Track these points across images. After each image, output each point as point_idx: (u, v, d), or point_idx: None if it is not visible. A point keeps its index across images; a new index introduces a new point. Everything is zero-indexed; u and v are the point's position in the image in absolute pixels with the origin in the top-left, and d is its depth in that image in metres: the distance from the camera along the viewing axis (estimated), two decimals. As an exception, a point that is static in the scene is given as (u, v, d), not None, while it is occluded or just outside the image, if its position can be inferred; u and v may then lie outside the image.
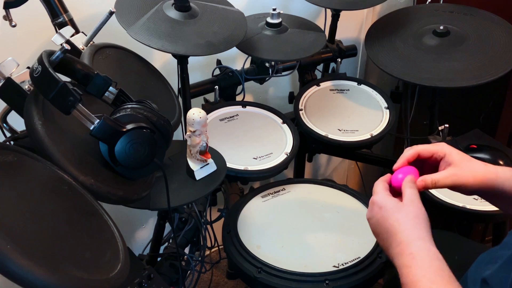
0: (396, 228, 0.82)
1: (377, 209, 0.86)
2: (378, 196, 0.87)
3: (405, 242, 0.80)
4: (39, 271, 0.67)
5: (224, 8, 1.39)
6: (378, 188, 0.89)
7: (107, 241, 0.86)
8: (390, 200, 0.86)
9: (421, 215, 0.83)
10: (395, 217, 0.83)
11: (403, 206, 0.84)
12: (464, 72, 1.41)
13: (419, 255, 0.77)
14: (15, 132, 1.04)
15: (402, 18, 1.63)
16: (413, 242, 0.79)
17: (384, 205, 0.85)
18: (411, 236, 0.80)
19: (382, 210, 0.85)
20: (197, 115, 1.10)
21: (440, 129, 1.49)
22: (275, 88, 1.90)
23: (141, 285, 1.01)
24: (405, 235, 0.80)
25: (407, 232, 0.81)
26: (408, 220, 0.82)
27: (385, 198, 0.86)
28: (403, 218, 0.83)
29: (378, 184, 0.90)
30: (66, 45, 0.91)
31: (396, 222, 0.83)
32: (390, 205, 0.85)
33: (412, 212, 0.83)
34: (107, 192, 0.91)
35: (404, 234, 0.81)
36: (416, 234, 0.81)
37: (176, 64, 1.33)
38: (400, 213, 0.83)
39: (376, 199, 0.87)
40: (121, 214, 1.38)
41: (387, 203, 0.85)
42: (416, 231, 0.81)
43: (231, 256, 1.19)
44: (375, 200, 0.87)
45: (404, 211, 0.83)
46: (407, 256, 0.78)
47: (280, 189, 1.38)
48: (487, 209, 1.25)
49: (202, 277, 1.61)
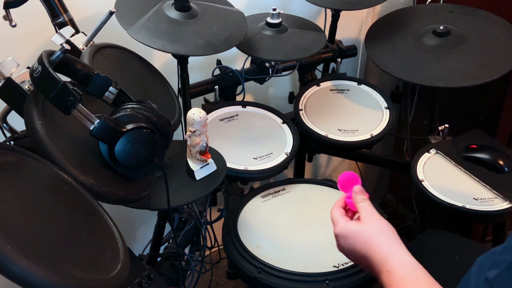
0: (367, 252, 0.83)
1: (343, 240, 0.87)
2: (338, 227, 0.88)
3: (378, 262, 0.80)
4: (39, 271, 0.67)
5: (224, 8, 1.39)
6: (335, 217, 0.90)
7: (107, 241, 0.86)
8: (350, 225, 0.86)
9: (383, 227, 0.84)
10: (361, 242, 0.84)
11: (363, 225, 0.85)
12: (464, 72, 1.41)
13: (394, 272, 0.78)
14: (15, 132, 1.04)
15: (402, 18, 1.63)
16: (385, 259, 0.80)
17: (346, 233, 0.86)
18: (381, 254, 0.81)
19: (348, 240, 0.86)
20: (197, 115, 1.10)
21: (440, 129, 1.49)
22: (275, 88, 1.90)
23: (141, 285, 1.01)
24: (376, 255, 0.81)
25: (377, 252, 0.81)
26: (373, 239, 0.83)
27: (345, 226, 0.87)
28: (368, 239, 0.83)
29: (333, 213, 0.91)
30: (66, 45, 0.91)
31: (364, 246, 0.83)
32: (352, 232, 0.85)
33: (374, 228, 0.84)
34: (107, 192, 0.91)
35: (375, 255, 0.81)
36: (385, 250, 0.81)
37: (176, 64, 1.33)
38: (364, 235, 0.84)
39: (338, 231, 0.87)
40: (121, 214, 1.38)
41: (348, 231, 0.86)
42: (384, 246, 0.82)
43: (231, 256, 1.19)
44: (337, 233, 0.88)
45: (366, 231, 0.84)
46: (385, 274, 0.79)
47: (280, 189, 1.38)
48: (487, 209, 1.24)
49: (202, 277, 1.61)
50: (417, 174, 1.36)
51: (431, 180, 1.33)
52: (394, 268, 0.78)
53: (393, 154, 2.15)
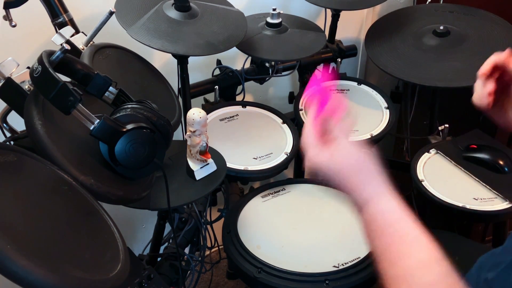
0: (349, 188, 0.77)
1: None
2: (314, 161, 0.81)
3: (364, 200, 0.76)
4: (39, 271, 0.67)
5: (224, 8, 1.39)
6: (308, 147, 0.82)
7: (107, 241, 0.86)
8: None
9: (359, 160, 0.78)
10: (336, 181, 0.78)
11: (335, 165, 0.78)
12: (464, 72, 1.41)
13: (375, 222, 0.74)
14: (15, 132, 1.04)
15: (402, 18, 1.63)
16: (367, 205, 0.76)
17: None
18: (364, 195, 0.76)
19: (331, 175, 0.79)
20: (197, 115, 1.10)
21: (440, 129, 1.49)
22: (275, 88, 1.90)
23: (141, 285, 1.01)
24: (361, 193, 0.77)
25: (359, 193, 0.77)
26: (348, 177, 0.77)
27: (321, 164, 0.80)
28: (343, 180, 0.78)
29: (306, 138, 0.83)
30: (66, 45, 0.91)
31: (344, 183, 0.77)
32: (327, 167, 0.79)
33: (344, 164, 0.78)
34: (107, 192, 0.91)
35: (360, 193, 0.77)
36: (367, 193, 0.76)
37: (176, 64, 1.33)
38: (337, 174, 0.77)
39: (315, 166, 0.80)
40: (121, 214, 1.38)
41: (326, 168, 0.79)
42: (365, 190, 0.77)
43: (231, 256, 1.19)
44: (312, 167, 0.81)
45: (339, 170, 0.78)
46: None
47: (280, 189, 1.38)
48: (487, 209, 1.25)
49: (202, 277, 1.61)
50: (417, 174, 1.36)
51: (431, 180, 1.33)
52: (373, 216, 0.74)
53: (393, 154, 2.15)
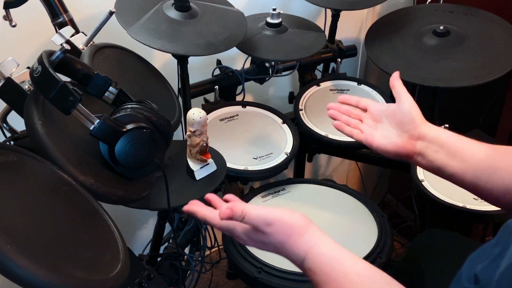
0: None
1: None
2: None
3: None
4: (39, 271, 0.67)
5: (224, 8, 1.39)
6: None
7: (107, 241, 0.86)
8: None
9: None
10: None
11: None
12: (464, 72, 1.41)
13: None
14: (15, 132, 1.04)
15: (402, 18, 1.63)
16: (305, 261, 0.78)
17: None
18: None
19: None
20: (197, 115, 1.10)
21: (440, 129, 1.49)
22: (275, 88, 1.90)
23: (141, 285, 1.01)
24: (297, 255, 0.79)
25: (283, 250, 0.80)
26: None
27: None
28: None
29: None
30: (66, 45, 0.91)
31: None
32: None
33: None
34: (107, 192, 0.91)
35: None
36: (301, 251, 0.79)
37: (176, 64, 1.33)
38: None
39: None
40: (121, 214, 1.38)
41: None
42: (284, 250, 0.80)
43: (231, 256, 1.19)
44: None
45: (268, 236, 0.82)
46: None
47: (280, 189, 1.38)
48: (487, 209, 1.25)
49: (202, 277, 1.61)
50: (417, 174, 1.36)
51: (431, 180, 1.33)
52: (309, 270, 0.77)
53: (393, 154, 2.15)
